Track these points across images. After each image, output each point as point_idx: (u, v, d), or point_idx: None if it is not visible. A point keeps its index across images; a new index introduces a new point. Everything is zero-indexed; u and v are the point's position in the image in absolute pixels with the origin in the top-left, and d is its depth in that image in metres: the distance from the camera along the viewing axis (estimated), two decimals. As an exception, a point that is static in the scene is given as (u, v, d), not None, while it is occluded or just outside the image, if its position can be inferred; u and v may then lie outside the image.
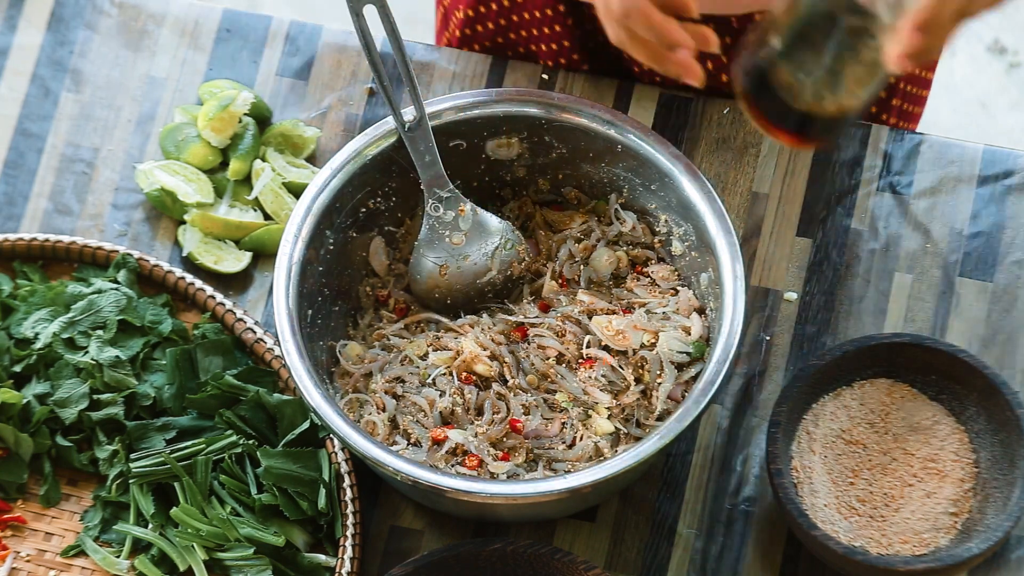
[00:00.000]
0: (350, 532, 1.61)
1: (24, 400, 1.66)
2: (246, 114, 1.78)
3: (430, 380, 1.62)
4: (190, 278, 1.72)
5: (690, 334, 1.63)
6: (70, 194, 1.78)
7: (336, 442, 1.64)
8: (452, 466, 1.59)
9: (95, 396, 1.66)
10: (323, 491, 1.61)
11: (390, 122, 1.65)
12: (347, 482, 1.62)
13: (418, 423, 1.61)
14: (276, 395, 1.66)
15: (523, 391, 1.61)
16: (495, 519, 1.66)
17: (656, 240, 1.69)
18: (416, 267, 1.67)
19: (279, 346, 1.59)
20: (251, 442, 1.64)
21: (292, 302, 1.59)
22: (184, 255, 1.75)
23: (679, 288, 1.67)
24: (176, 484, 1.63)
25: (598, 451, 1.60)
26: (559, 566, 1.58)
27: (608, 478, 1.51)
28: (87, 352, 1.66)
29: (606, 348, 1.63)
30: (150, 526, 1.63)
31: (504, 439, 1.60)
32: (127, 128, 1.80)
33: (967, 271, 1.73)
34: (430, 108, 1.65)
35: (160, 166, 1.77)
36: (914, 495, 1.62)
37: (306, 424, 1.64)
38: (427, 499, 1.63)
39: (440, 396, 1.61)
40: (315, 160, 1.80)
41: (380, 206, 1.68)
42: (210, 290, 1.72)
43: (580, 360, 1.63)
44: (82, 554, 1.65)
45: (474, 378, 1.62)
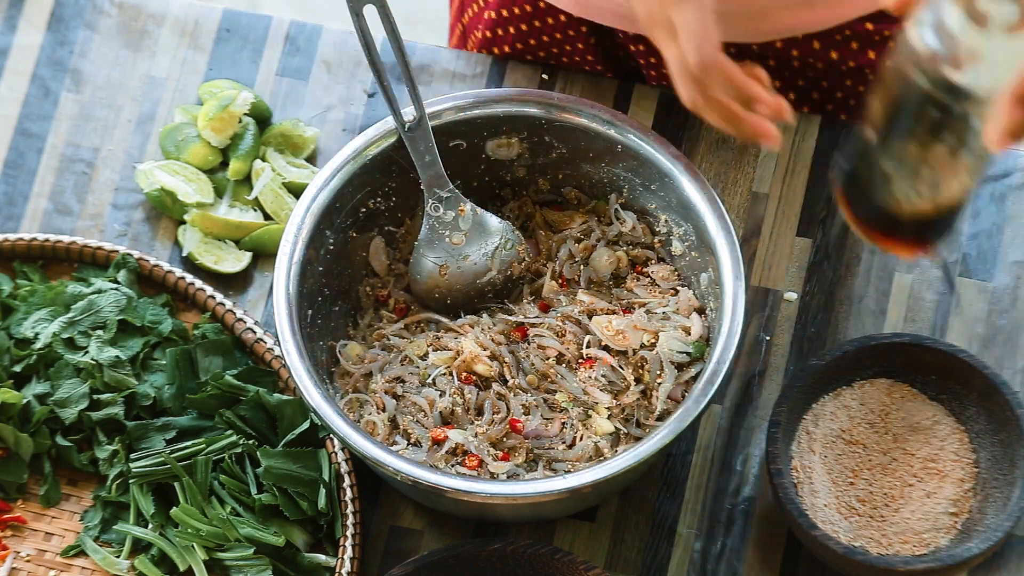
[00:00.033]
0: (350, 532, 1.61)
1: (24, 400, 1.66)
2: (246, 114, 1.78)
3: (430, 380, 1.62)
4: (190, 278, 1.72)
5: (690, 334, 1.63)
6: (70, 194, 1.78)
7: (336, 442, 1.64)
8: (452, 466, 1.59)
9: (95, 396, 1.65)
10: (323, 491, 1.61)
11: (390, 122, 1.65)
12: (347, 482, 1.62)
13: (418, 423, 1.61)
14: (276, 395, 1.66)
15: (523, 391, 1.61)
16: (495, 519, 1.65)
17: (656, 240, 1.69)
18: (416, 267, 1.67)
19: (279, 346, 1.59)
20: (251, 442, 1.64)
21: (292, 302, 1.59)
22: (184, 255, 1.75)
23: (679, 288, 1.67)
24: (176, 484, 1.63)
25: (598, 451, 1.60)
26: (559, 566, 1.58)
27: (608, 478, 1.51)
28: (87, 352, 1.66)
29: (606, 348, 1.63)
30: (150, 526, 1.63)
31: (504, 439, 1.60)
32: (127, 128, 1.80)
33: (967, 271, 1.73)
34: (430, 108, 1.65)
35: (160, 166, 1.76)
36: (914, 495, 1.62)
37: (306, 424, 1.64)
38: (427, 499, 1.63)
39: (440, 396, 1.61)
40: (315, 160, 1.80)
41: (380, 206, 1.68)
42: (210, 290, 1.72)
43: (580, 360, 1.63)
44: (82, 554, 1.65)
45: (474, 378, 1.62)
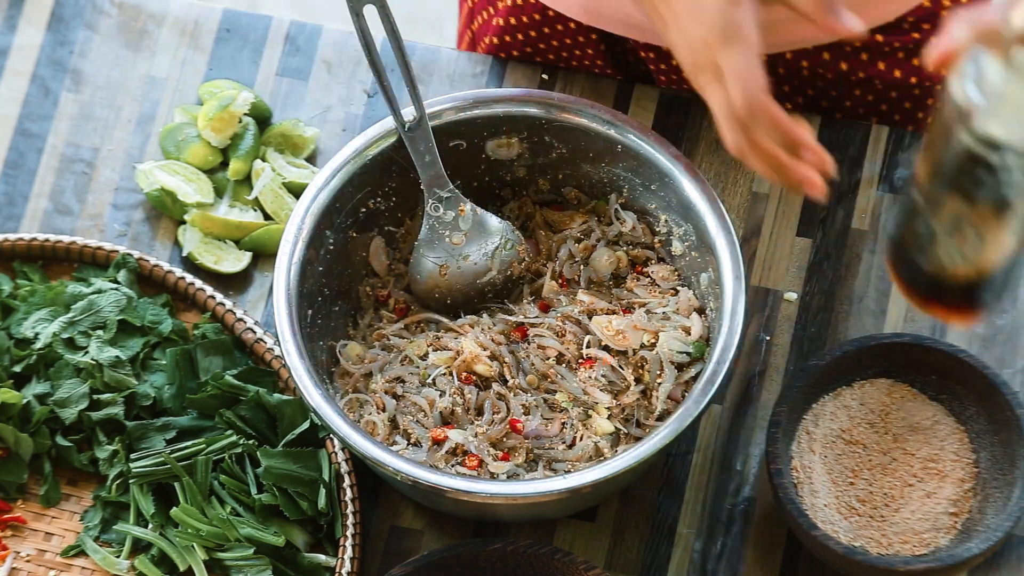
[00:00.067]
0: (350, 532, 1.61)
1: (24, 400, 1.66)
2: (246, 114, 1.78)
3: (430, 380, 1.62)
4: (190, 278, 1.72)
5: (690, 334, 1.63)
6: (70, 194, 1.78)
7: (336, 442, 1.64)
8: (452, 466, 1.59)
9: (95, 396, 1.65)
10: (323, 491, 1.61)
11: (390, 122, 1.65)
12: (347, 482, 1.62)
13: (418, 423, 1.61)
14: (276, 395, 1.66)
15: (523, 391, 1.61)
16: (495, 519, 1.65)
17: (656, 240, 1.69)
18: (416, 267, 1.67)
19: (279, 346, 1.59)
20: (251, 442, 1.64)
21: (292, 302, 1.59)
22: (184, 255, 1.75)
23: (679, 288, 1.67)
24: (176, 484, 1.63)
25: (598, 451, 1.60)
26: (559, 566, 1.58)
27: (608, 478, 1.51)
28: (87, 352, 1.66)
29: (606, 348, 1.63)
30: (150, 526, 1.63)
31: (504, 439, 1.60)
32: (127, 128, 1.80)
33: (967, 271, 1.73)
34: (430, 108, 1.65)
35: (160, 166, 1.76)
36: (914, 495, 1.62)
37: (306, 424, 1.64)
38: (427, 499, 1.63)
39: (440, 396, 1.61)
40: (315, 160, 1.80)
41: (380, 206, 1.68)
42: (210, 290, 1.72)
43: (580, 360, 1.63)
44: (82, 554, 1.65)
45: (474, 378, 1.62)
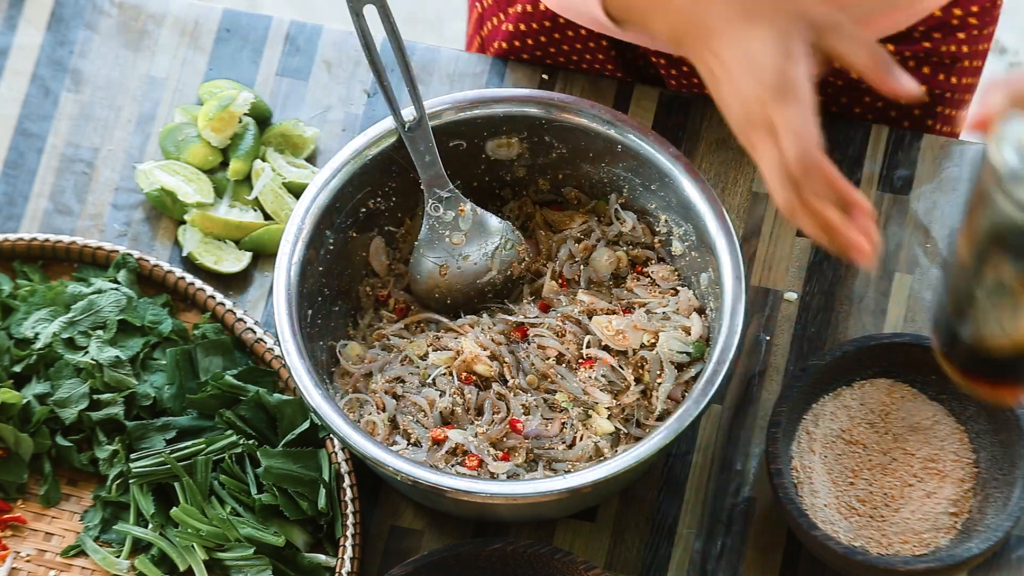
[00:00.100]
0: (350, 532, 1.61)
1: (24, 400, 1.66)
2: (246, 114, 1.78)
3: (430, 380, 1.62)
4: (190, 278, 1.72)
5: (690, 334, 1.63)
6: (70, 194, 1.78)
7: (336, 442, 1.64)
8: (452, 466, 1.59)
9: (95, 396, 1.65)
10: (323, 491, 1.61)
11: (390, 122, 1.65)
12: (347, 482, 1.62)
13: (418, 423, 1.61)
14: (276, 395, 1.66)
15: (523, 391, 1.61)
16: (495, 519, 1.65)
17: (656, 240, 1.69)
18: (416, 267, 1.67)
19: (279, 346, 1.59)
20: (251, 442, 1.64)
21: (292, 302, 1.59)
22: (184, 255, 1.75)
23: (679, 288, 1.67)
24: (176, 484, 1.63)
25: (598, 451, 1.60)
26: (559, 566, 1.58)
27: (608, 478, 1.51)
28: (87, 352, 1.66)
29: (606, 348, 1.63)
30: (150, 526, 1.63)
31: (504, 439, 1.60)
32: (127, 128, 1.80)
33: (967, 271, 1.73)
34: (430, 108, 1.65)
35: (160, 166, 1.76)
36: (914, 495, 1.62)
37: (306, 424, 1.64)
38: (427, 499, 1.63)
39: (440, 396, 1.61)
40: (315, 160, 1.80)
41: (380, 206, 1.68)
42: (210, 290, 1.72)
43: (580, 360, 1.63)
44: (82, 554, 1.65)
45: (474, 378, 1.62)
